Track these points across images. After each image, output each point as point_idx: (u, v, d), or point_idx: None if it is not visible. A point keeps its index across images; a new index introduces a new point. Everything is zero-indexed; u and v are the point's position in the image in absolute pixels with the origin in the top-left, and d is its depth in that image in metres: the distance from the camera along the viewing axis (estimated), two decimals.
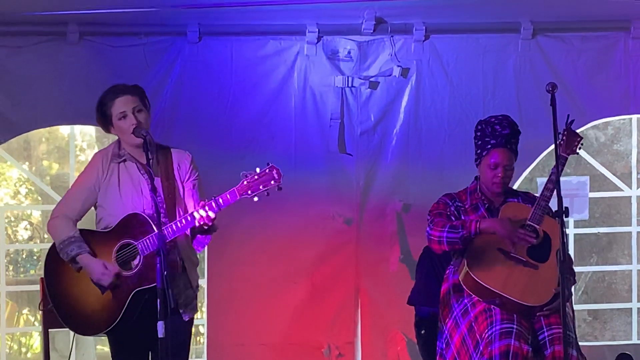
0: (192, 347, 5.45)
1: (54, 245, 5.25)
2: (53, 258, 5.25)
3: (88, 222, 5.41)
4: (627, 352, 6.64)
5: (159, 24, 6.74)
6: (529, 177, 7.63)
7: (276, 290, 6.99)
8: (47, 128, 8.36)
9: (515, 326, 5.16)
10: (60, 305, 5.23)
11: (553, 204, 5.10)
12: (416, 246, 6.57)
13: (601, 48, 7.08)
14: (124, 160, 5.25)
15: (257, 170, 5.08)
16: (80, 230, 5.22)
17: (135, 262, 5.09)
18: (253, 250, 6.94)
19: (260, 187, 5.06)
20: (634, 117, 7.56)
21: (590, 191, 7.40)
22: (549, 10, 6.83)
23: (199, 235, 5.26)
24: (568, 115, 5.47)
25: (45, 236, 9.83)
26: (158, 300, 4.58)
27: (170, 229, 5.03)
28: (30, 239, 10.34)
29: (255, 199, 5.07)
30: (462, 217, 5.50)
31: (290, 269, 7.00)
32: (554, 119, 4.92)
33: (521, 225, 5.38)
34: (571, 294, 5.56)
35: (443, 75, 7.04)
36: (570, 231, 7.56)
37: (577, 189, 7.29)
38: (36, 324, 9.45)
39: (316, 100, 7.01)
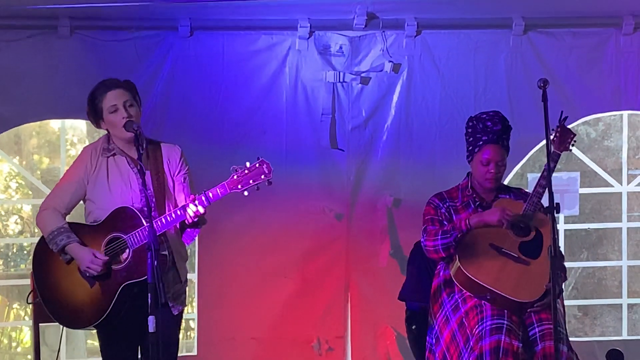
0: (183, 341, 5.46)
1: (42, 239, 5.25)
2: (42, 252, 5.25)
3: (77, 217, 5.41)
4: (617, 348, 6.65)
5: (151, 18, 6.73)
6: (520, 172, 7.64)
7: (266, 284, 7.00)
8: (38, 122, 8.35)
9: (505, 322, 5.17)
10: (48, 299, 5.22)
11: (544, 201, 5.10)
12: (406, 241, 6.57)
13: (592, 44, 7.08)
14: (114, 155, 5.24)
15: (247, 164, 5.08)
16: (69, 223, 5.22)
17: (124, 255, 5.08)
18: (244, 245, 6.95)
19: (250, 181, 5.06)
20: (625, 113, 7.57)
21: (580, 187, 7.42)
22: (541, 6, 6.84)
23: (188, 229, 5.26)
24: (562, 112, 5.48)
25: (36, 230, 9.77)
26: (149, 295, 4.58)
27: (160, 223, 5.03)
28: (21, 233, 10.32)
29: (245, 193, 5.07)
30: (454, 217, 5.50)
31: (281, 263, 7.01)
32: (545, 115, 4.91)
33: (513, 222, 5.40)
34: (562, 290, 5.57)
35: (434, 70, 7.04)
36: (561, 227, 7.56)
37: (568, 185, 7.30)
38: (26, 318, 9.43)
39: (307, 96, 7.01)
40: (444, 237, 5.39)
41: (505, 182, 6.19)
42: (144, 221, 5.00)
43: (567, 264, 5.77)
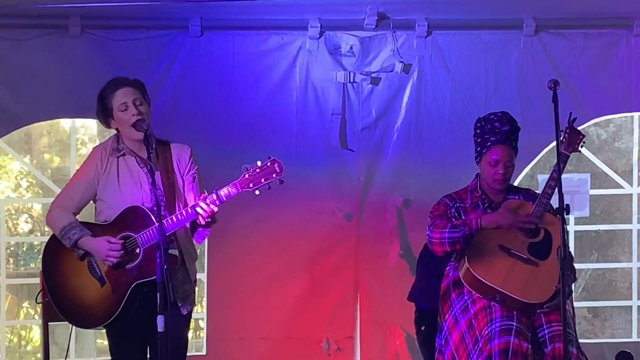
0: (192, 341, 5.46)
1: (51, 238, 5.25)
2: (51, 251, 5.25)
3: (87, 217, 5.40)
4: (627, 350, 6.64)
5: (161, 17, 6.74)
6: (530, 173, 7.63)
7: (276, 284, 7.01)
8: (49, 121, 8.33)
9: (515, 323, 5.16)
10: (58, 299, 5.21)
11: (554, 202, 5.10)
12: (416, 242, 6.57)
13: (604, 45, 7.07)
14: (123, 155, 5.24)
15: (259, 163, 5.09)
16: (81, 222, 5.21)
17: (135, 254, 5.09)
18: (253, 245, 6.95)
19: (262, 180, 5.07)
20: (636, 114, 7.55)
21: (591, 188, 7.41)
22: (552, 7, 6.83)
23: (199, 228, 5.26)
24: (570, 113, 5.47)
25: (46, 229, 9.78)
26: (158, 294, 4.58)
27: (170, 222, 5.03)
28: (31, 232, 10.33)
29: (257, 192, 5.08)
30: (463, 217, 5.49)
31: (290, 263, 7.01)
32: (555, 116, 4.91)
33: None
34: (571, 292, 5.56)
35: (445, 71, 7.03)
36: (571, 228, 7.54)
37: (578, 186, 7.29)
38: (36, 317, 9.45)
39: (318, 96, 7.01)
40: (452, 231, 5.37)
41: (516, 183, 6.20)
42: (154, 220, 5.00)
43: (577, 266, 5.75)
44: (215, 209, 5.05)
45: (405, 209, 7.05)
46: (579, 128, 5.59)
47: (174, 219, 5.05)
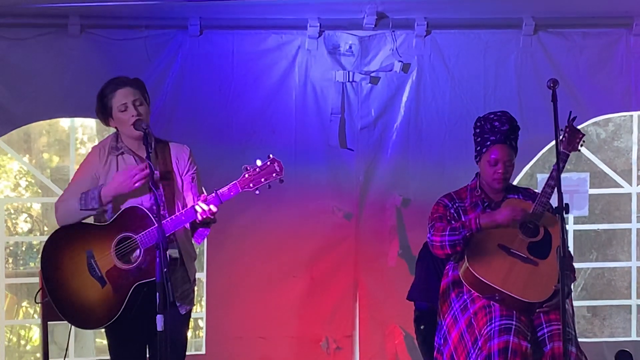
0: (192, 340, 5.45)
1: (50, 238, 5.22)
2: (51, 251, 5.22)
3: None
4: (626, 349, 6.64)
5: (161, 17, 6.74)
6: (530, 172, 7.63)
7: (275, 283, 7.01)
8: (48, 121, 8.35)
9: (514, 323, 5.16)
10: (59, 299, 5.20)
11: (554, 201, 5.10)
12: (415, 241, 6.57)
13: (603, 45, 7.07)
14: (122, 153, 5.24)
15: (259, 163, 5.09)
16: (80, 223, 5.20)
17: (136, 255, 5.08)
18: (252, 244, 6.95)
19: (262, 179, 5.07)
20: (635, 114, 7.55)
21: (590, 188, 7.41)
22: (551, 6, 6.83)
23: (199, 228, 5.26)
24: (570, 112, 5.47)
25: (45, 229, 9.83)
26: (157, 294, 4.58)
27: (170, 222, 5.03)
28: (30, 231, 10.33)
29: (257, 192, 5.08)
30: (463, 218, 5.49)
31: (290, 262, 7.02)
32: (555, 115, 4.91)
33: (522, 222, 5.39)
34: (571, 291, 5.56)
35: (444, 70, 7.03)
36: (570, 227, 7.55)
37: (577, 186, 7.29)
38: (35, 316, 9.44)
39: (317, 95, 7.01)
40: (452, 234, 5.38)
41: (515, 182, 6.20)
42: (154, 220, 5.00)
43: (576, 265, 5.75)
44: (215, 209, 5.05)
45: (404, 208, 7.06)
46: (579, 127, 5.59)
47: (174, 219, 5.05)
